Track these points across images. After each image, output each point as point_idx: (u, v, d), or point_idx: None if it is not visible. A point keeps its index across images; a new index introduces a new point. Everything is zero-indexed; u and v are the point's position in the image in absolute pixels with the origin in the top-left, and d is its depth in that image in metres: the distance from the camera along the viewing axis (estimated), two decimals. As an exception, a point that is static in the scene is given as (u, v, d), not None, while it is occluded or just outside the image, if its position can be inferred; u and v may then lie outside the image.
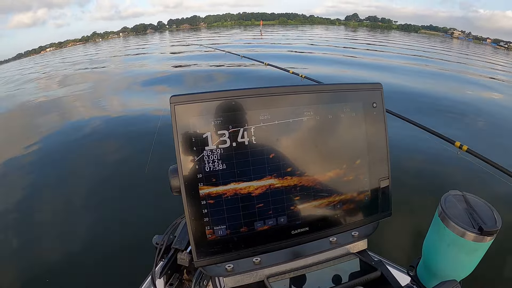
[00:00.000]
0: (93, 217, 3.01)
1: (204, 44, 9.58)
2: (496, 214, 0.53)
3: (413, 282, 0.63)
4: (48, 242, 2.72)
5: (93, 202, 3.25)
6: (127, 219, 2.93)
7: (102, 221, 2.94)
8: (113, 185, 3.58)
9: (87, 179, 3.72)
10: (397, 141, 3.72)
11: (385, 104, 0.59)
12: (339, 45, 21.73)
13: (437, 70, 12.03)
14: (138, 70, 12.18)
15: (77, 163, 4.17)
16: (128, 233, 2.69)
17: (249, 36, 32.66)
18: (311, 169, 0.54)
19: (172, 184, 0.49)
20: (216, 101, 0.48)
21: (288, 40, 26.60)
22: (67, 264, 2.43)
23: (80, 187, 3.55)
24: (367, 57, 14.83)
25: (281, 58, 11.60)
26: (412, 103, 6.02)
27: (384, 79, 7.98)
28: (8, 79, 16.33)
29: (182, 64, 12.49)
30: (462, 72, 12.63)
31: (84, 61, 19.65)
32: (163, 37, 52.75)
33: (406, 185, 3.20)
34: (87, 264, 2.40)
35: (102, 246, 2.58)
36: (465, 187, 3.36)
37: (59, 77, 13.16)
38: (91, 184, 3.60)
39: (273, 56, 12.86)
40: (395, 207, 0.61)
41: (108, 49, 33.33)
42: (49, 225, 2.96)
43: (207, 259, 0.50)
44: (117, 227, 2.85)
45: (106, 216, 3.02)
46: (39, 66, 22.58)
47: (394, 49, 21.43)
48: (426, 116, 4.81)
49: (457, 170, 3.47)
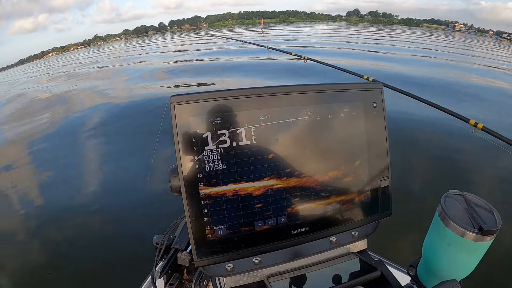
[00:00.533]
0: (93, 217, 3.01)
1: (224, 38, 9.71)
2: (496, 214, 0.53)
3: (413, 282, 0.63)
4: (49, 241, 2.72)
5: (93, 202, 3.25)
6: (127, 219, 2.93)
7: (102, 221, 2.94)
8: (113, 185, 3.58)
9: (87, 179, 3.72)
10: (410, 122, 3.75)
11: (402, 87, 0.59)
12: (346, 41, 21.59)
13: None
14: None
15: (77, 162, 4.17)
16: (128, 233, 2.70)
17: (250, 35, 32.34)
18: (311, 169, 0.54)
19: (172, 184, 0.49)
20: (216, 101, 0.48)
21: (290, 38, 26.29)
22: (67, 264, 2.43)
23: (80, 186, 3.55)
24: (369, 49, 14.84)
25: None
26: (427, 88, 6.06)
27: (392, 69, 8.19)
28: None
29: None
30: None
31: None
32: (173, 38, 52.69)
33: (419, 166, 3.23)
34: (87, 263, 2.40)
35: (102, 246, 2.58)
36: (480, 167, 3.42)
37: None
38: (91, 184, 3.60)
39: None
40: (398, 204, 0.61)
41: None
42: (49, 224, 2.97)
43: (207, 259, 0.50)
44: (117, 227, 2.85)
45: (106, 216, 3.02)
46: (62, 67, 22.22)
47: (405, 43, 21.51)
48: (439, 97, 4.82)
49: (472, 149, 3.47)
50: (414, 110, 3.42)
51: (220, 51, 13.14)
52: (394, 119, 3.45)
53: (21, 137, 5.68)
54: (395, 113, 3.53)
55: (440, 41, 28.95)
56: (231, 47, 13.28)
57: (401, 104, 2.43)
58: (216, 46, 12.32)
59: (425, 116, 3.62)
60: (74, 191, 3.48)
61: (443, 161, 3.56)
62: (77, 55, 37.20)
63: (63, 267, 2.40)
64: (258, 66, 9.86)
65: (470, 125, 1.94)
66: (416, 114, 3.80)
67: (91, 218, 3.00)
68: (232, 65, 11.18)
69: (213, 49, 14.18)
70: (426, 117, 3.61)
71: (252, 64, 10.68)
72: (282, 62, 9.51)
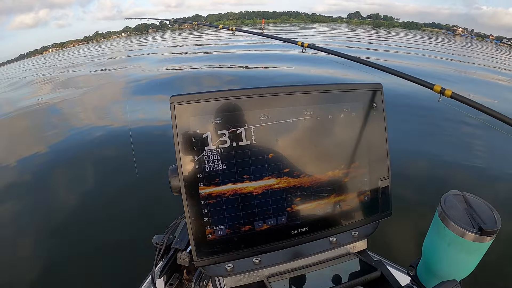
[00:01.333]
0: (93, 217, 3.01)
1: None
2: (496, 214, 0.53)
3: (413, 282, 0.63)
4: (48, 241, 2.73)
5: (93, 202, 3.25)
6: (127, 219, 2.93)
7: (102, 221, 2.94)
8: (113, 184, 3.58)
9: (86, 179, 3.72)
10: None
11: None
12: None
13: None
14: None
15: (76, 161, 4.17)
16: (128, 233, 2.69)
17: (251, 35, 32.04)
18: (311, 169, 0.54)
19: (172, 184, 0.49)
20: (216, 101, 0.48)
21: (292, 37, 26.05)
22: (67, 263, 2.43)
23: (80, 187, 3.55)
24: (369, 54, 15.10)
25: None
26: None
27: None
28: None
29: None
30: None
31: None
32: (174, 36, 52.48)
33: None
34: (87, 263, 2.40)
35: (102, 246, 2.58)
36: (451, 137, 3.35)
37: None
38: (91, 184, 3.60)
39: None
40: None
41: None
42: (49, 223, 2.97)
43: (207, 259, 0.50)
44: (117, 227, 2.85)
45: (106, 216, 3.02)
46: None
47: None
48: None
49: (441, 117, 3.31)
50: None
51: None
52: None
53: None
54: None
55: (440, 44, 28.81)
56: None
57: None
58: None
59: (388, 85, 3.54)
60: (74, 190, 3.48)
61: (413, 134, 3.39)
62: (79, 51, 36.95)
63: (64, 267, 2.40)
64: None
65: (436, 92, 1.59)
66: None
67: (91, 217, 3.00)
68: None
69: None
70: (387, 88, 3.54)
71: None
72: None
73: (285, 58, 10.38)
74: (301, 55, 3.16)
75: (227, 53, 15.08)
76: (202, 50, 17.19)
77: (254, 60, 11.45)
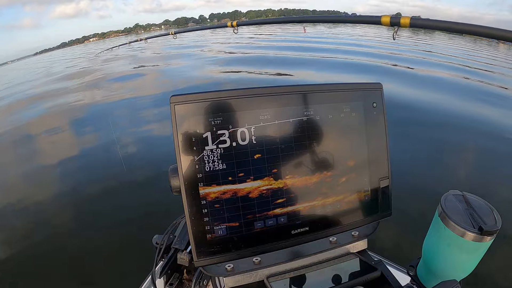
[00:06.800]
0: (93, 217, 3.01)
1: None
2: (496, 214, 0.53)
3: (413, 282, 0.63)
4: (48, 240, 2.72)
5: (93, 202, 3.25)
6: (127, 219, 2.93)
7: (102, 221, 2.94)
8: (113, 184, 3.58)
9: (86, 179, 3.72)
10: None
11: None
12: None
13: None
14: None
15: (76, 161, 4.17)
16: (128, 233, 2.69)
17: (289, 33, 27.54)
18: (311, 168, 0.54)
19: (172, 184, 0.49)
20: (216, 101, 0.48)
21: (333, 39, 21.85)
22: (67, 263, 2.43)
23: (80, 186, 3.55)
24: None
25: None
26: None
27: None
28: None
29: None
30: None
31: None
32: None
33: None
34: (87, 263, 2.40)
35: (102, 246, 2.58)
36: (452, 137, 3.25)
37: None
38: (91, 184, 3.60)
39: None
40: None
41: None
42: (49, 223, 2.97)
43: (207, 259, 0.50)
44: (117, 227, 2.85)
45: (106, 216, 3.02)
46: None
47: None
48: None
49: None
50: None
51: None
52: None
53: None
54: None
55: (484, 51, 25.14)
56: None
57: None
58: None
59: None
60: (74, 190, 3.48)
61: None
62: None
63: (64, 266, 2.40)
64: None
65: (385, 26, 1.18)
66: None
67: (91, 217, 3.00)
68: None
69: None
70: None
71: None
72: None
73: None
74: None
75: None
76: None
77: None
